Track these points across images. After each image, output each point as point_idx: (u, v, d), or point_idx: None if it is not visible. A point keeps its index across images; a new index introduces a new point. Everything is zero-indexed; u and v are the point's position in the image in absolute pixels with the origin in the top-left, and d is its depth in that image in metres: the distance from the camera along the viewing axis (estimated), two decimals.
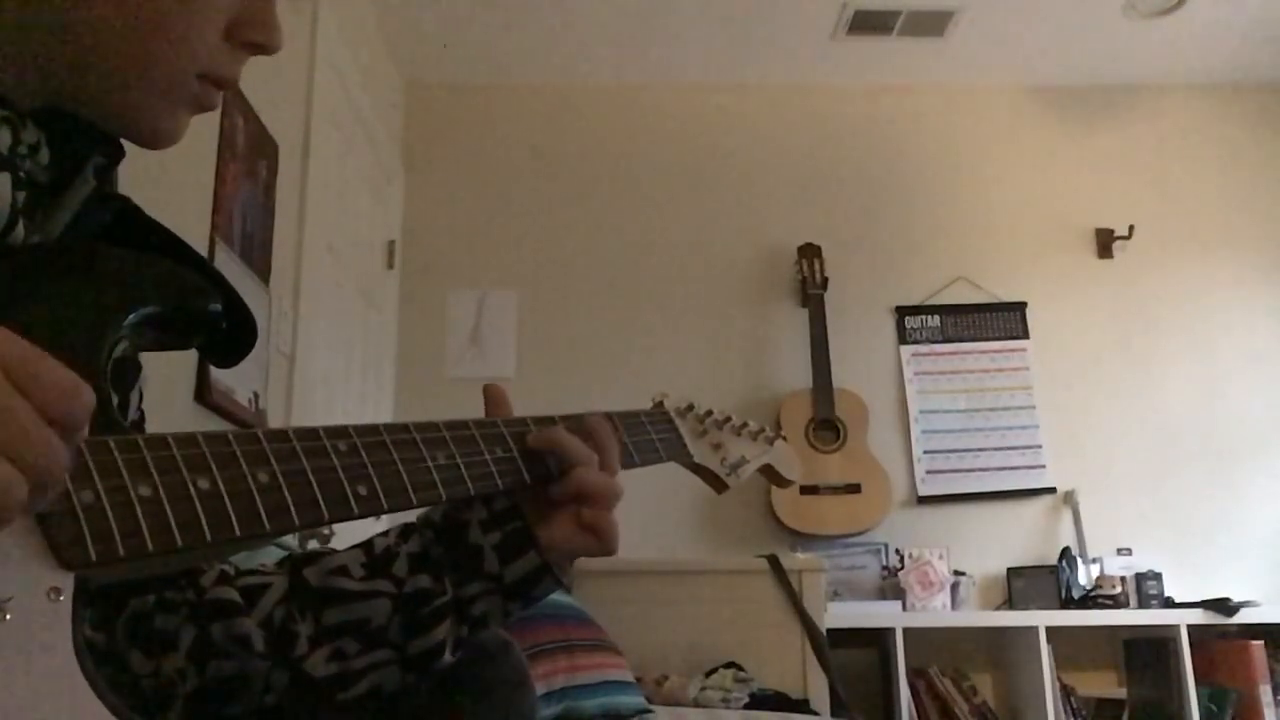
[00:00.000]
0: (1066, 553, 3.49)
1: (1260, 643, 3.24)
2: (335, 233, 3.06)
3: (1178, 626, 3.21)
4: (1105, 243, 3.90)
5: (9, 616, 0.48)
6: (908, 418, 3.75)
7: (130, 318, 0.65)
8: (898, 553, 3.47)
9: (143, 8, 0.67)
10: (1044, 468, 3.69)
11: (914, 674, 3.26)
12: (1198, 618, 3.25)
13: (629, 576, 2.80)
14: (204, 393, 2.10)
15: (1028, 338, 3.82)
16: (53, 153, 0.68)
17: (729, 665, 2.72)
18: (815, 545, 3.46)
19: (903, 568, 3.41)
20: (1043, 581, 3.44)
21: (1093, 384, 3.78)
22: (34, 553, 0.49)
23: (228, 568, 0.80)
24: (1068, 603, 3.39)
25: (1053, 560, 3.50)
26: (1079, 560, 3.49)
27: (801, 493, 3.50)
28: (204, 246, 2.16)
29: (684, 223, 3.89)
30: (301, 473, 0.62)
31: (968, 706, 3.29)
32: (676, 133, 3.98)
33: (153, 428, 0.66)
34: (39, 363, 0.45)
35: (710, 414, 1.01)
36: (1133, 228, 3.86)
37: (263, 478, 0.59)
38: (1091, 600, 3.37)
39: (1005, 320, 3.84)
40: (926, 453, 3.71)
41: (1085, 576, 3.45)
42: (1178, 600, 3.38)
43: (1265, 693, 3.19)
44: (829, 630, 2.91)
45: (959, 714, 3.27)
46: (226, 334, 0.74)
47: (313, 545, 2.02)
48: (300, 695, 0.76)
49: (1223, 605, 3.25)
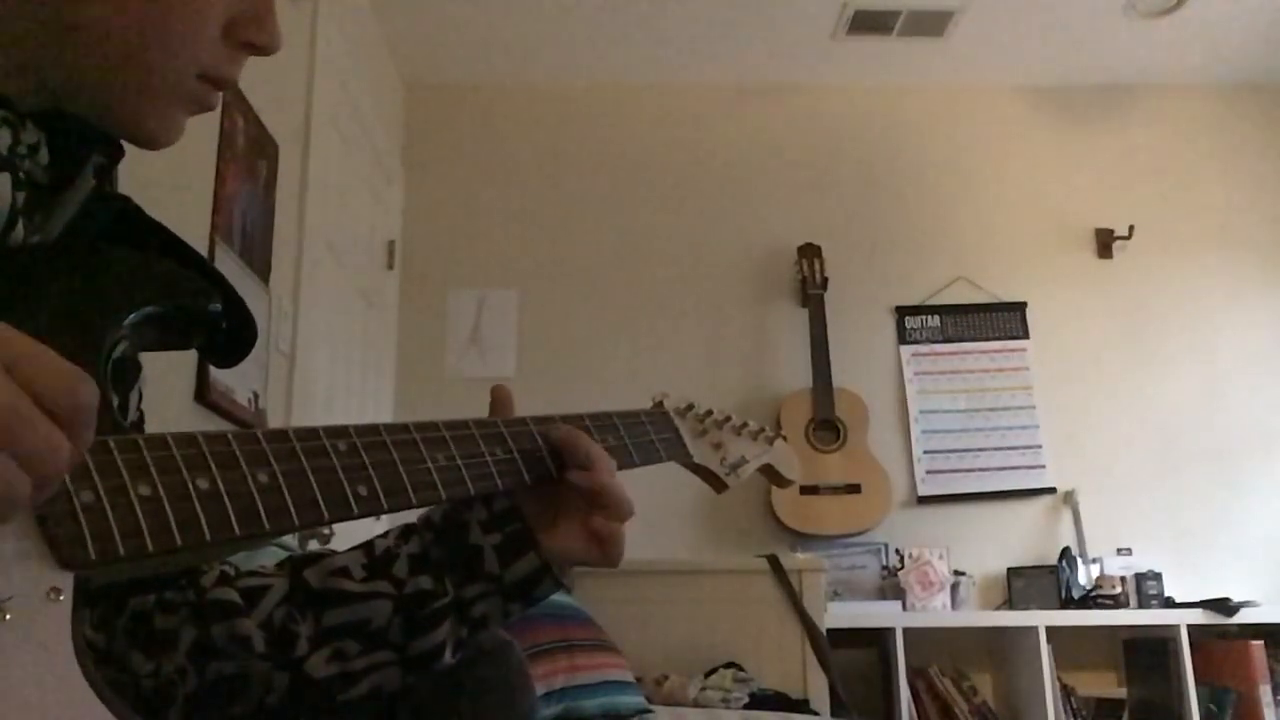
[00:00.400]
0: (1066, 553, 3.49)
1: (1260, 643, 3.23)
2: (335, 233, 3.06)
3: (1178, 626, 3.21)
4: (1105, 243, 3.90)
5: (9, 616, 0.48)
6: (908, 418, 3.75)
7: (130, 318, 0.65)
8: (898, 553, 3.47)
9: (142, 8, 0.67)
10: (1044, 468, 3.69)
11: (914, 674, 3.26)
12: (1198, 618, 3.25)
13: (629, 576, 2.79)
14: (204, 393, 2.10)
15: (1028, 338, 3.82)
16: (53, 153, 0.68)
17: (729, 665, 2.72)
18: (815, 545, 3.46)
19: (903, 568, 3.41)
20: (1043, 581, 3.44)
21: (1093, 384, 3.77)
22: (34, 553, 0.49)
23: (228, 569, 0.80)
24: (1068, 603, 3.39)
25: (1053, 560, 3.50)
26: (1079, 560, 3.49)
27: (801, 493, 3.50)
28: (204, 246, 2.15)
29: (684, 222, 3.89)
30: (301, 473, 0.62)
31: (968, 706, 3.29)
32: (676, 132, 3.98)
33: (153, 428, 0.66)
34: (40, 357, 0.45)
35: (710, 414, 1.01)
36: (1133, 228, 3.86)
37: (262, 478, 0.59)
38: (1091, 600, 3.37)
39: (1005, 320, 3.84)
40: (926, 453, 3.71)
41: (1085, 576, 3.45)
42: (1178, 600, 3.37)
43: (1265, 693, 3.18)
44: (829, 630, 2.91)
45: (959, 714, 3.27)
46: (226, 334, 0.74)
47: (313, 546, 2.02)
48: (300, 696, 0.76)
49: (1223, 605, 3.25)
